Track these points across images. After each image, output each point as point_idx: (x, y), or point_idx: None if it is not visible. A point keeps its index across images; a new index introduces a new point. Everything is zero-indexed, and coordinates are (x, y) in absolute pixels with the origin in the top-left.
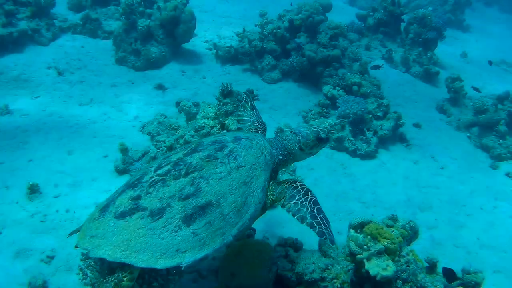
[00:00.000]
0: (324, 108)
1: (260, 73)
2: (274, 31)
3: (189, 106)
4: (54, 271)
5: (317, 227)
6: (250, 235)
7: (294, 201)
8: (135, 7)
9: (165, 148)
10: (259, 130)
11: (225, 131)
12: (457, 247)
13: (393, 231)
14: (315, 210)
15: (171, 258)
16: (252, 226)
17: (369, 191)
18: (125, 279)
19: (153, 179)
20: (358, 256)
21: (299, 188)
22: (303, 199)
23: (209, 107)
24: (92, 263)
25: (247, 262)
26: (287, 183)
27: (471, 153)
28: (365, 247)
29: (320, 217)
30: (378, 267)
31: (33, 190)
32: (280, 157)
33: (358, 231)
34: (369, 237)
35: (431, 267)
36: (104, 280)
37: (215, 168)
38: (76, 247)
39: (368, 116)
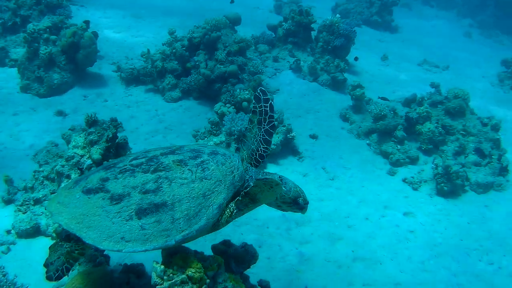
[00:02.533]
0: (214, 126)
1: (162, 93)
2: (173, 50)
3: (69, 134)
4: None
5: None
6: (101, 263)
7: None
8: (39, 34)
9: (42, 178)
10: (252, 162)
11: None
12: (328, 261)
13: (208, 259)
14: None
15: (114, 243)
16: (107, 253)
17: None
18: (76, 251)
19: (125, 167)
20: (158, 286)
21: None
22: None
23: (79, 136)
24: None
25: None
26: None
27: (369, 161)
28: (166, 277)
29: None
30: None
31: None
32: (251, 184)
33: (171, 260)
34: (175, 267)
35: None
36: (61, 243)
37: (182, 174)
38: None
39: None
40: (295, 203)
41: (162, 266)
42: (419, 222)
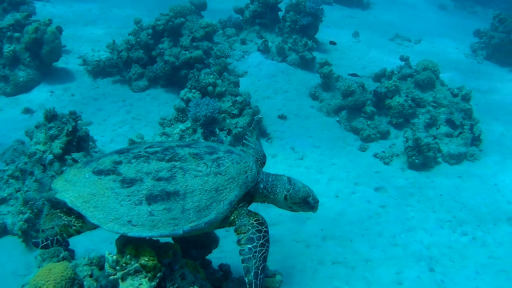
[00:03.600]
0: (180, 112)
1: (129, 83)
2: (138, 39)
3: (32, 131)
4: None
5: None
6: (65, 258)
7: (250, 246)
8: (2, 32)
9: (7, 177)
10: (259, 160)
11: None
12: (297, 241)
13: (162, 246)
14: (260, 268)
15: (120, 226)
16: (72, 248)
17: None
18: (73, 227)
19: (140, 153)
20: (111, 277)
21: (261, 235)
22: (258, 249)
23: (40, 132)
24: None
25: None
26: (254, 220)
27: (340, 138)
28: (118, 267)
29: (260, 278)
30: (132, 286)
31: None
32: (262, 186)
33: (124, 249)
34: (128, 256)
35: (225, 274)
36: (60, 214)
37: (197, 166)
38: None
39: (221, 116)
40: (305, 202)
41: (115, 256)
42: (390, 196)
